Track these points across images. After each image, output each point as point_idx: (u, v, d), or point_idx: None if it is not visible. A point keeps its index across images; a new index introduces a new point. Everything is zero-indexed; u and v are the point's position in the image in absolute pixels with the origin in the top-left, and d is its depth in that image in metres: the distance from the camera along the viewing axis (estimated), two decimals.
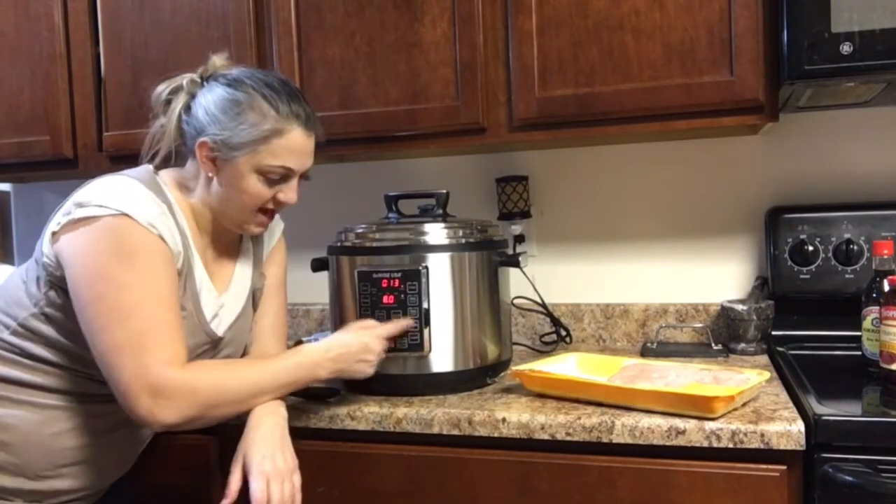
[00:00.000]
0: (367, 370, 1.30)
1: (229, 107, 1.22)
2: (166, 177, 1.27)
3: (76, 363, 1.20)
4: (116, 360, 1.11)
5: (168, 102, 1.28)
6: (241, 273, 1.36)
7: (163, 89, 1.29)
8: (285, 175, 1.25)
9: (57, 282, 1.18)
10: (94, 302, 1.12)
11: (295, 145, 1.24)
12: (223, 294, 1.31)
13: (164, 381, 1.10)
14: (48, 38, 1.86)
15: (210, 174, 1.24)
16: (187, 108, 1.27)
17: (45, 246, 1.19)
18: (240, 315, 1.34)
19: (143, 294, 1.12)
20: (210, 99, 1.24)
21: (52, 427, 1.20)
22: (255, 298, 1.40)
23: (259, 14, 1.73)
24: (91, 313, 1.12)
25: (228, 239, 1.35)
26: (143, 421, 1.12)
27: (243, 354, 1.39)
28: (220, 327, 1.29)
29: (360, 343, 1.29)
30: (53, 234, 1.17)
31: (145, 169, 1.26)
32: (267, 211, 1.28)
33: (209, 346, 1.28)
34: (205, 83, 1.27)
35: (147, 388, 1.09)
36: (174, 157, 1.29)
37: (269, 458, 1.17)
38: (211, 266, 1.31)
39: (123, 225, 1.13)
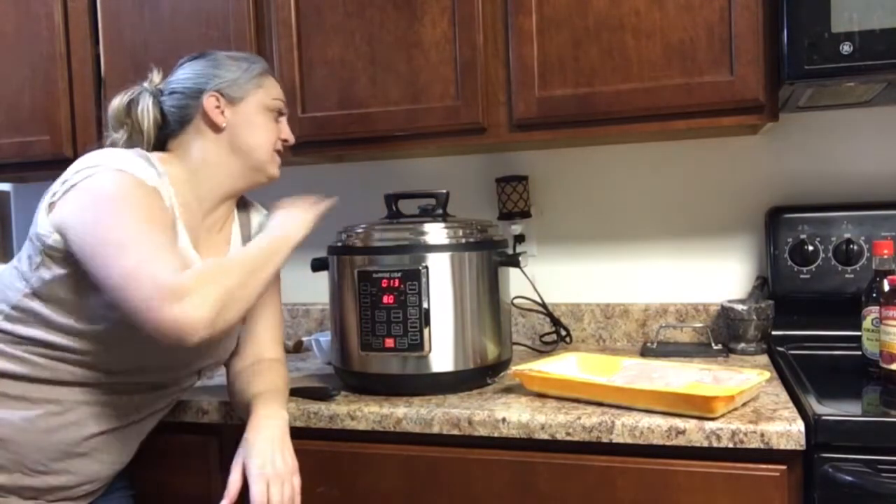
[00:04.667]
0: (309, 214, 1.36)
1: (215, 63, 1.33)
2: (153, 155, 1.28)
3: (72, 342, 1.19)
4: (131, 284, 1.09)
5: (129, 104, 1.33)
6: None
7: (119, 99, 1.34)
8: (281, 111, 1.38)
9: (49, 252, 1.17)
10: (100, 245, 1.12)
11: (278, 85, 1.40)
12: None
13: (182, 282, 1.09)
14: (48, 38, 1.86)
15: (222, 124, 1.31)
16: (160, 93, 1.34)
17: (39, 221, 1.18)
18: None
19: (139, 225, 1.13)
20: (190, 69, 1.34)
21: (46, 422, 1.20)
22: None
23: (259, 14, 1.73)
24: (98, 259, 1.12)
25: (216, 218, 1.35)
26: (175, 330, 1.08)
27: (236, 349, 1.40)
28: None
29: (296, 205, 1.37)
30: (51, 204, 1.17)
31: (132, 149, 1.26)
32: (277, 152, 1.38)
33: None
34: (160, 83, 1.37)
35: (169, 294, 1.08)
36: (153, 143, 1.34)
37: (269, 460, 1.17)
38: (200, 248, 1.30)
39: (119, 176, 1.16)
